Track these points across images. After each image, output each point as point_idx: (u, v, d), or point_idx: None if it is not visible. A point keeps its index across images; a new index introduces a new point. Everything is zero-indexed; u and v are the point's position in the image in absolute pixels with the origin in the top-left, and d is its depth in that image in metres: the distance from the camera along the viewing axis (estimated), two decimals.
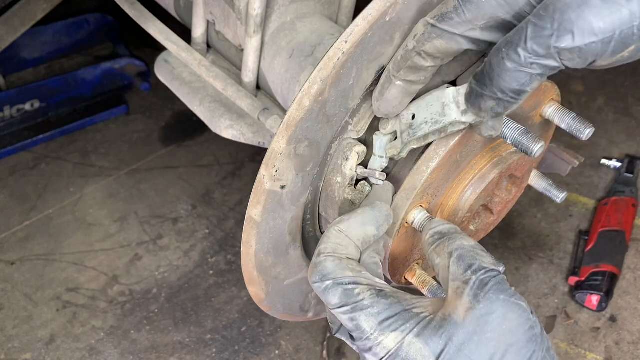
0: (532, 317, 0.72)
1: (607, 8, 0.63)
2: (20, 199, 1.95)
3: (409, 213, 0.90)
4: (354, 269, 0.78)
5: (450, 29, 0.72)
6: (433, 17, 0.73)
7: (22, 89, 2.08)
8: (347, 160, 0.90)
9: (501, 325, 0.70)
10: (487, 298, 0.71)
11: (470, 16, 0.71)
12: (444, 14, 0.72)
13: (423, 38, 0.75)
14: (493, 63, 0.70)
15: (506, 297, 0.71)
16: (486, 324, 0.70)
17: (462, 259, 0.75)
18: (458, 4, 0.71)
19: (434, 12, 0.74)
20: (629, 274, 1.81)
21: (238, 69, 1.24)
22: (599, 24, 0.64)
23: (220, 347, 1.65)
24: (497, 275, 0.73)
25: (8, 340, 1.63)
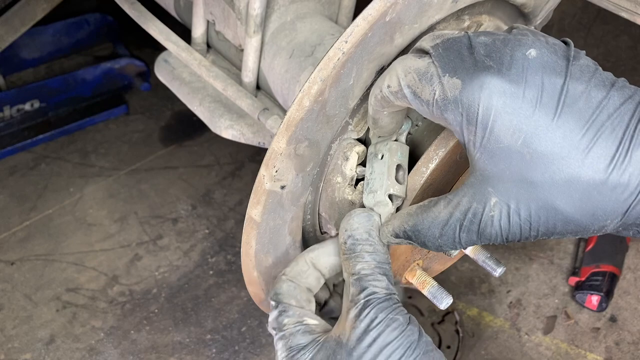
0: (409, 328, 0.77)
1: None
2: (20, 199, 1.95)
3: None
4: (299, 299, 0.88)
5: (417, 110, 0.73)
6: (407, 85, 0.72)
7: (22, 89, 2.08)
8: (347, 160, 0.90)
9: (379, 339, 0.76)
10: (367, 317, 0.77)
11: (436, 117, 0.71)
12: (415, 93, 0.71)
13: (396, 96, 0.74)
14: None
15: (384, 314, 0.77)
16: (363, 342, 0.77)
17: (359, 282, 0.81)
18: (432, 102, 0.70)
19: (409, 79, 0.72)
20: (629, 274, 1.81)
21: (238, 69, 1.24)
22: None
23: (220, 347, 1.64)
24: (383, 296, 0.79)
25: (8, 340, 1.63)
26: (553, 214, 0.67)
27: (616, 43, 2.35)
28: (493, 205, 0.69)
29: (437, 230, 0.75)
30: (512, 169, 0.67)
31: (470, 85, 0.67)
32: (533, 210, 0.68)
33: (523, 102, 0.65)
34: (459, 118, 0.68)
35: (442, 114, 0.69)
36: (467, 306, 1.74)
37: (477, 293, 1.77)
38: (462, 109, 0.67)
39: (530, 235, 0.70)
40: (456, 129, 0.69)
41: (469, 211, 0.71)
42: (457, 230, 0.73)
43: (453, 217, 0.73)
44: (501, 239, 0.71)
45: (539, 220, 0.68)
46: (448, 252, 0.87)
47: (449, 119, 0.69)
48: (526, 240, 0.71)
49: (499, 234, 0.70)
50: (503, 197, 0.69)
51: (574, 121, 0.65)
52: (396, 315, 0.78)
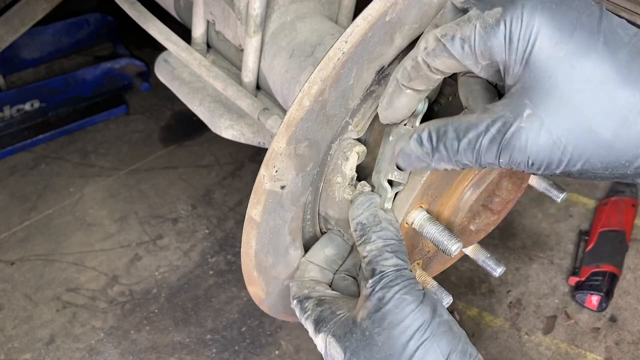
0: (420, 308, 0.77)
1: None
2: (20, 199, 1.95)
3: (409, 214, 0.90)
4: (311, 287, 0.94)
5: (457, 56, 0.71)
6: (444, 36, 0.71)
7: (22, 89, 2.08)
8: (347, 160, 0.90)
9: (387, 318, 0.77)
10: (375, 296, 0.79)
11: (478, 51, 0.69)
12: (455, 37, 0.70)
13: (434, 54, 0.73)
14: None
15: (392, 293, 0.78)
16: (374, 322, 0.78)
17: (369, 264, 0.82)
18: (473, 35, 0.69)
19: (447, 29, 0.71)
20: (629, 274, 1.81)
21: (238, 69, 1.24)
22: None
23: (220, 347, 1.65)
24: (392, 274, 0.79)
25: (8, 340, 1.63)
26: (588, 135, 0.64)
27: None
28: (526, 116, 0.66)
29: (461, 132, 0.71)
30: (552, 82, 0.65)
31: (512, 6, 0.66)
32: (567, 127, 0.65)
33: (563, 20, 0.65)
34: (502, 38, 0.67)
35: (486, 43, 0.68)
36: (467, 306, 1.74)
37: (477, 293, 1.77)
38: (505, 29, 0.66)
39: (555, 160, 0.66)
40: (500, 55, 0.68)
41: (499, 118, 0.68)
42: (481, 136, 0.69)
43: (481, 120, 0.70)
44: (524, 159, 0.67)
45: (571, 141, 0.65)
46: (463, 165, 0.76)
47: (494, 44, 0.67)
48: (552, 169, 0.67)
49: (524, 150, 0.67)
50: (539, 110, 0.66)
51: (614, 43, 0.64)
52: (405, 294, 0.77)
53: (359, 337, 0.79)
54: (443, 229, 0.89)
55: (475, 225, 1.07)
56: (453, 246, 0.88)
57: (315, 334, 0.86)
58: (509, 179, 1.04)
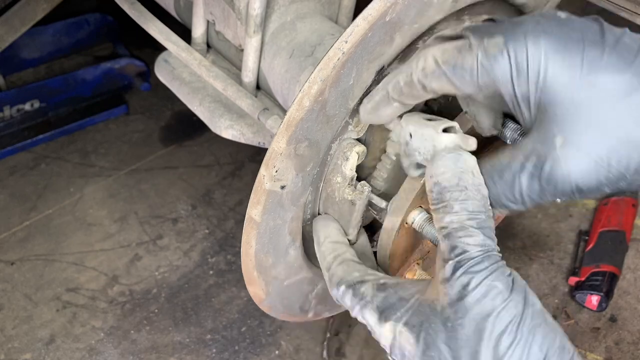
0: (511, 298, 0.68)
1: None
2: (20, 199, 1.95)
3: (409, 214, 0.90)
4: (360, 268, 0.83)
5: (458, 84, 0.69)
6: (445, 63, 0.69)
7: (22, 89, 2.08)
8: (347, 160, 0.90)
9: (473, 309, 0.67)
10: (458, 282, 0.68)
11: (481, 82, 0.67)
12: (456, 65, 0.68)
13: (432, 76, 0.71)
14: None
15: (478, 279, 0.67)
16: (457, 312, 0.68)
17: (448, 238, 0.71)
18: (475, 66, 0.67)
19: (449, 55, 0.69)
20: (629, 274, 1.81)
21: (238, 69, 1.24)
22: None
23: (220, 347, 1.65)
24: (478, 256, 0.69)
25: (8, 340, 1.63)
26: (628, 146, 0.62)
27: None
28: (560, 146, 0.63)
29: (496, 175, 0.69)
30: (576, 104, 0.63)
31: (513, 35, 0.65)
32: (605, 145, 0.62)
33: (569, 42, 0.63)
34: (508, 69, 0.65)
35: (489, 74, 0.66)
36: None
37: None
38: (510, 58, 0.65)
39: (603, 179, 0.63)
40: (506, 85, 0.66)
41: (532, 153, 0.66)
42: (517, 176, 0.67)
43: (514, 159, 0.67)
44: (571, 187, 0.64)
45: (613, 156, 0.63)
46: (511, 210, 0.73)
47: (498, 75, 0.66)
48: (602, 189, 0.64)
49: (567, 179, 0.64)
50: (571, 136, 0.63)
51: (626, 53, 0.63)
52: (494, 281, 0.68)
53: (439, 327, 0.68)
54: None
55: None
56: None
57: (379, 323, 0.74)
58: None
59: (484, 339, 0.65)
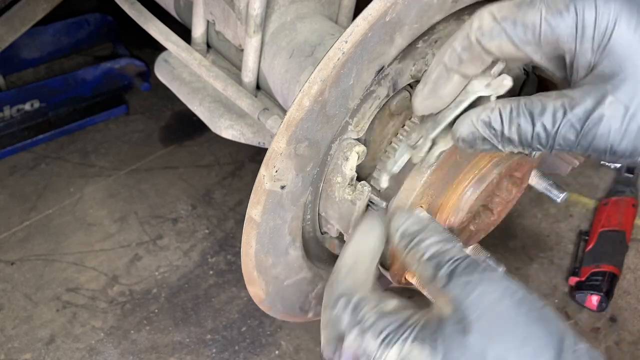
0: (513, 284, 0.70)
1: None
2: (20, 199, 1.95)
3: None
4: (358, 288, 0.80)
5: (518, 42, 0.67)
6: (504, 19, 0.66)
7: (22, 89, 2.08)
8: (347, 160, 0.90)
9: (482, 302, 0.68)
10: (458, 284, 0.69)
11: (543, 40, 0.66)
12: (517, 21, 0.66)
13: (490, 35, 0.68)
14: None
15: (477, 275, 0.69)
16: (467, 309, 0.68)
17: (432, 259, 0.73)
18: (538, 22, 0.64)
19: (507, 10, 0.66)
20: (629, 274, 1.81)
21: (238, 69, 1.24)
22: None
23: (220, 347, 1.65)
24: (464, 259, 0.71)
25: (8, 340, 1.63)
26: None
27: None
28: (609, 103, 0.63)
29: (536, 116, 0.67)
30: (636, 67, 0.62)
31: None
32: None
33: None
34: (573, 26, 0.63)
35: (554, 30, 0.64)
36: None
37: None
38: (577, 15, 0.63)
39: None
40: (570, 43, 0.64)
41: (579, 104, 0.64)
42: (558, 122, 0.65)
43: (559, 105, 0.66)
44: (606, 147, 0.64)
45: None
46: (533, 149, 0.72)
47: (562, 32, 0.64)
48: (632, 156, 0.64)
49: (606, 138, 0.63)
50: (622, 97, 0.63)
51: None
52: (488, 271, 0.69)
53: (455, 328, 0.68)
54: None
55: (475, 225, 1.07)
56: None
57: (383, 348, 0.72)
58: (509, 179, 1.04)
59: (498, 326, 0.66)
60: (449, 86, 0.74)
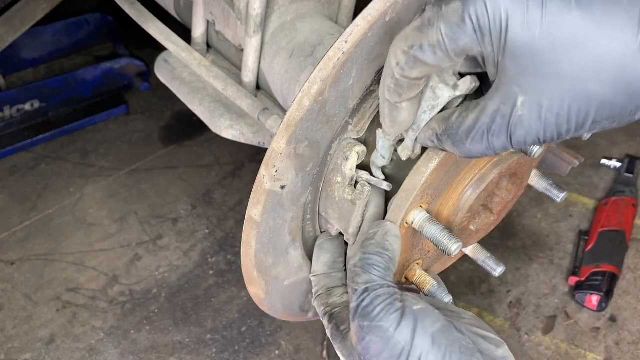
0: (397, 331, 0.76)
1: None
2: (20, 199, 1.95)
3: (409, 213, 0.90)
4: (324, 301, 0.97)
5: (432, 63, 0.69)
6: (412, 47, 0.69)
7: (22, 89, 2.08)
8: (347, 160, 0.90)
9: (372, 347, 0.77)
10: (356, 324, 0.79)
11: (452, 53, 0.68)
12: (423, 46, 0.68)
13: (408, 67, 0.71)
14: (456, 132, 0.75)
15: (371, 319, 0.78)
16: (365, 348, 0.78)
17: (349, 282, 0.83)
18: (440, 39, 0.67)
19: (413, 39, 0.69)
20: (629, 274, 1.81)
21: (238, 69, 1.24)
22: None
23: (220, 347, 1.65)
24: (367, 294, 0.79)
25: (8, 340, 1.63)
26: (585, 100, 0.63)
27: None
28: (521, 104, 0.66)
29: (465, 136, 0.72)
30: (536, 63, 0.64)
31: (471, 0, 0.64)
32: (564, 100, 0.64)
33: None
34: (472, 35, 0.65)
35: (457, 43, 0.66)
36: (467, 306, 1.74)
37: (476, 293, 1.77)
38: (473, 24, 0.64)
39: (564, 131, 0.66)
40: (476, 48, 0.66)
41: (496, 114, 0.68)
42: (485, 135, 0.70)
43: (480, 122, 0.70)
44: (534, 140, 0.68)
45: (571, 111, 0.64)
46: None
47: (466, 43, 0.66)
48: (563, 137, 0.67)
49: (531, 133, 0.67)
50: (531, 94, 0.65)
51: (587, 2, 0.61)
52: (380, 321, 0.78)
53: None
54: (443, 229, 0.89)
55: (475, 225, 1.07)
56: (453, 246, 0.88)
57: (337, 351, 0.87)
58: (509, 179, 1.04)
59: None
60: (403, 113, 0.79)
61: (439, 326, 0.77)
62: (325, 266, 0.99)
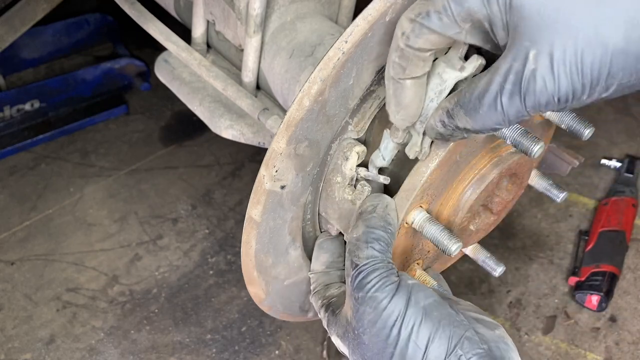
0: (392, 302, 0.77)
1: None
2: (20, 199, 1.95)
3: (409, 213, 0.90)
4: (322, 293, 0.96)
5: (438, 29, 0.69)
6: (418, 15, 0.69)
7: (22, 89, 2.08)
8: (347, 160, 0.90)
9: (366, 317, 0.78)
10: (354, 296, 0.80)
11: (458, 18, 0.67)
12: (429, 12, 0.68)
13: (414, 35, 0.71)
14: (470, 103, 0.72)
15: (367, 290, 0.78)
16: (359, 320, 0.79)
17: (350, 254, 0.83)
18: (446, 4, 0.67)
19: (419, 7, 0.69)
20: (629, 274, 1.81)
21: (238, 69, 1.24)
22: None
23: (220, 347, 1.65)
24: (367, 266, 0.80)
25: (8, 340, 1.63)
26: (600, 49, 0.61)
27: None
28: (533, 57, 0.64)
29: (478, 101, 0.70)
30: (545, 16, 0.62)
31: None
32: (577, 50, 0.62)
33: None
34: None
35: (463, 6, 0.66)
36: None
37: (476, 293, 1.77)
38: None
39: (579, 87, 0.64)
40: (481, 11, 0.66)
41: (509, 72, 0.66)
42: (498, 97, 0.68)
43: (493, 83, 0.68)
44: (549, 99, 0.65)
45: (584, 61, 0.62)
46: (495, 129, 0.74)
47: (471, 4, 0.65)
48: (579, 97, 0.64)
49: (545, 90, 0.64)
50: (541, 46, 0.63)
51: None
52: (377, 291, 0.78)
53: (353, 335, 0.80)
54: (443, 228, 0.89)
55: (475, 225, 1.07)
56: (453, 246, 0.88)
57: (332, 337, 0.88)
58: (509, 179, 1.04)
59: (378, 343, 0.77)
60: (408, 93, 0.77)
61: (432, 301, 0.78)
62: (324, 265, 0.99)
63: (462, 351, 0.74)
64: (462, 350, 0.74)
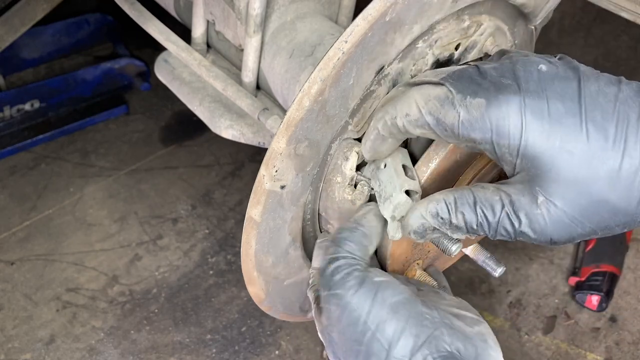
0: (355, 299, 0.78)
1: None
2: (20, 199, 1.95)
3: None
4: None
5: (440, 134, 0.74)
6: (428, 113, 0.73)
7: (22, 89, 2.08)
8: (347, 160, 0.90)
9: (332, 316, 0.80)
10: (321, 295, 0.82)
11: (461, 138, 0.72)
12: (439, 120, 0.73)
13: (415, 124, 0.75)
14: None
15: (328, 288, 0.81)
16: (329, 319, 0.81)
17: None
18: (456, 125, 0.71)
19: (431, 106, 0.73)
20: (629, 274, 1.81)
21: (238, 69, 1.24)
22: None
23: (220, 347, 1.65)
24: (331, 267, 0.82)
25: (8, 340, 1.63)
26: (600, 208, 0.68)
27: (616, 43, 2.35)
28: (540, 203, 0.70)
29: (479, 210, 0.75)
30: (555, 169, 0.69)
31: (495, 102, 0.69)
32: (580, 206, 0.69)
33: (550, 110, 0.68)
34: (488, 134, 0.70)
35: (470, 134, 0.71)
36: None
37: (477, 293, 1.77)
38: (491, 125, 0.70)
39: (578, 234, 0.70)
40: (485, 146, 0.72)
41: (517, 203, 0.72)
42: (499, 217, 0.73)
43: (498, 201, 0.73)
44: (545, 239, 0.72)
45: (586, 216, 0.69)
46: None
47: (477, 137, 0.71)
48: (573, 241, 0.72)
49: (544, 232, 0.71)
50: (550, 196, 0.70)
51: (601, 116, 0.67)
52: (338, 288, 0.80)
53: (326, 332, 0.82)
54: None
55: None
56: (453, 246, 0.88)
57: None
58: None
59: (347, 341, 0.77)
60: (385, 145, 0.83)
61: (401, 298, 0.78)
62: None
63: (428, 350, 0.74)
64: (429, 350, 0.74)
